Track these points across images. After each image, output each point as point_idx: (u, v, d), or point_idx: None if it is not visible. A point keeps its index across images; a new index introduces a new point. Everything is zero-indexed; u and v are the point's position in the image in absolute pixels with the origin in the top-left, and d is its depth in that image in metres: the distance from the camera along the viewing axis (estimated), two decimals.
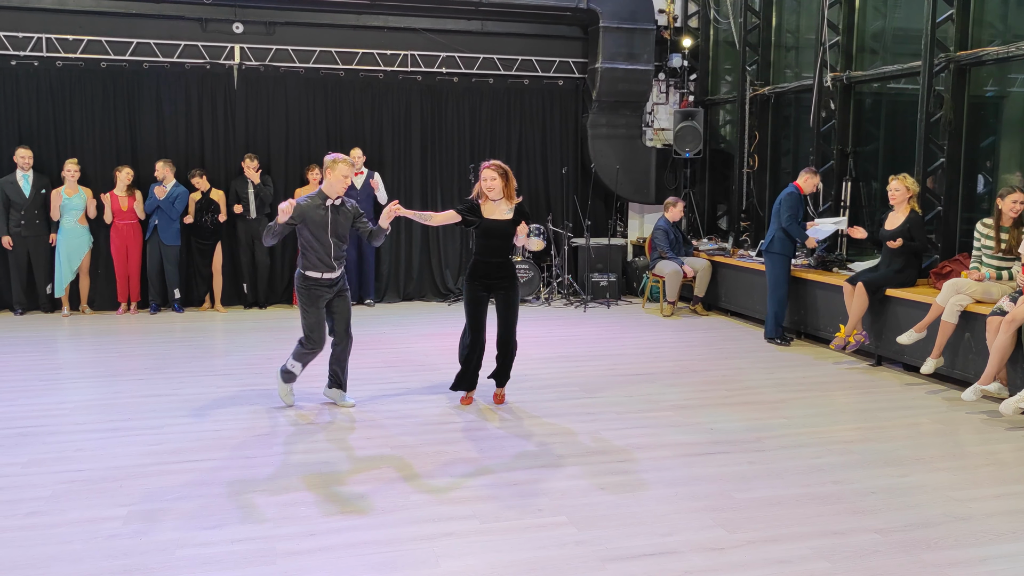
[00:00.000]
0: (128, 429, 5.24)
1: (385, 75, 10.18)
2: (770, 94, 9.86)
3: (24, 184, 8.88)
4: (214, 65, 9.69)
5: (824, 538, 3.80)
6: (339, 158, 5.47)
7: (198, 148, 9.74)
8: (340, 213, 5.49)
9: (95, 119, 9.43)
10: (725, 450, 4.97)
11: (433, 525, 3.89)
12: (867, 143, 8.69)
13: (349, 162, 5.48)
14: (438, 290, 10.54)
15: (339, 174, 5.40)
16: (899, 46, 8.20)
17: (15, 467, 4.56)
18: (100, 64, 9.38)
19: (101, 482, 4.36)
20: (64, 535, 3.74)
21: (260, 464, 4.65)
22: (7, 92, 9.19)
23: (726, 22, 10.49)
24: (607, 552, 3.64)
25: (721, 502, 4.18)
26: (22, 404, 5.76)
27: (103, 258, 9.31)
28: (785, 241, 7.93)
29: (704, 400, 6.06)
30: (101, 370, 6.77)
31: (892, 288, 6.97)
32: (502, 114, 10.65)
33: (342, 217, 5.50)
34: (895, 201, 7.02)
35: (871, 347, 7.18)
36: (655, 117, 11.18)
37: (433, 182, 10.47)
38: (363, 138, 10.11)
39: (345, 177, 5.42)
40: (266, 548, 3.64)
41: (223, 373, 6.68)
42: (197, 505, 4.08)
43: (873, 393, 6.34)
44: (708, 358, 7.43)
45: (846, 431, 5.37)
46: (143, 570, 3.44)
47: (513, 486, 4.36)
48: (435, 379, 6.53)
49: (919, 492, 4.35)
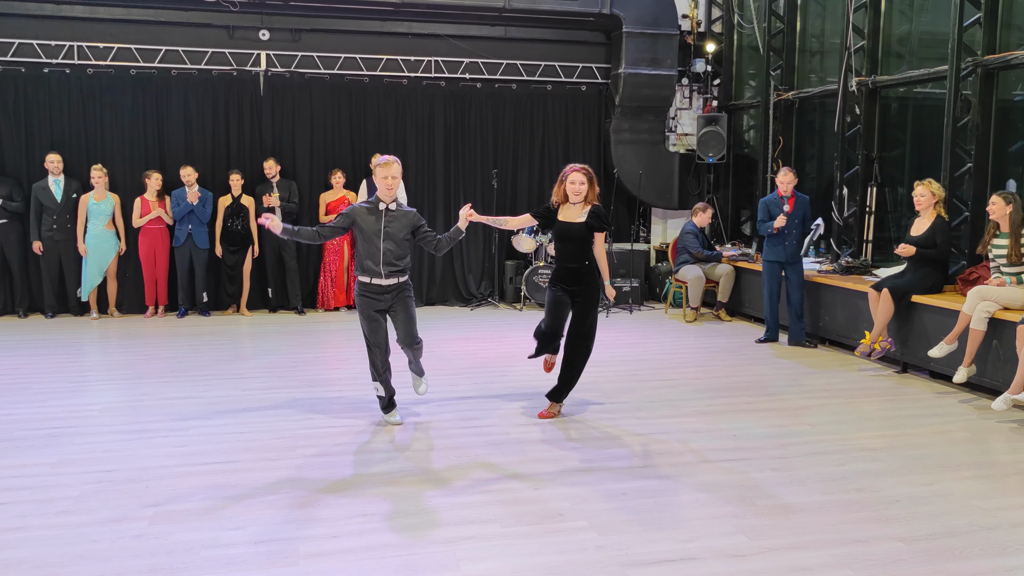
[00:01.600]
0: (154, 431, 5.32)
1: (409, 81, 10.25)
2: (794, 99, 9.81)
3: (56, 189, 9.04)
4: (241, 72, 9.82)
5: (847, 546, 3.77)
6: (381, 161, 5.25)
7: (224, 154, 9.86)
8: (394, 219, 5.24)
9: (124, 125, 9.58)
10: (748, 456, 4.94)
11: (454, 529, 3.91)
12: (893, 148, 8.61)
13: (390, 163, 5.22)
14: (460, 295, 10.57)
15: (378, 176, 5.21)
16: (925, 50, 8.12)
17: (45, 467, 4.64)
18: (129, 71, 9.53)
19: (128, 483, 4.42)
20: (92, 534, 3.80)
21: (283, 467, 4.70)
22: (39, 99, 9.36)
23: (750, 27, 10.45)
24: (628, 557, 3.63)
25: (743, 509, 4.16)
26: (52, 405, 5.86)
27: (132, 262, 9.45)
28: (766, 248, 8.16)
29: (727, 406, 6.03)
30: (128, 372, 6.86)
31: (918, 294, 6.90)
32: (525, 119, 10.68)
33: (396, 223, 5.24)
34: (921, 207, 6.95)
35: (897, 354, 7.11)
36: (678, 122, 11.16)
37: (456, 187, 10.52)
38: (387, 144, 10.18)
39: (384, 179, 5.17)
40: (288, 549, 3.68)
41: (248, 376, 6.75)
42: (221, 506, 4.13)
43: (899, 401, 6.28)
44: (731, 364, 7.39)
45: (871, 438, 5.32)
46: (168, 570, 3.49)
47: (534, 490, 4.37)
48: (457, 383, 6.56)
49: (945, 501, 4.30)
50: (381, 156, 5.35)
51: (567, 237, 5.48)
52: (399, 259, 5.26)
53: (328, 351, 7.97)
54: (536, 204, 10.74)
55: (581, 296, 5.47)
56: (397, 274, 5.26)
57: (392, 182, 5.19)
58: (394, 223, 5.25)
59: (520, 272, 10.44)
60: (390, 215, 5.25)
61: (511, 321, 9.46)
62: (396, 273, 5.26)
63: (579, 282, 5.47)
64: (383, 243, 5.21)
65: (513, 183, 10.71)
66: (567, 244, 5.49)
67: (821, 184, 9.76)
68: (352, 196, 9.77)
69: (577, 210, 5.46)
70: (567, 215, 5.49)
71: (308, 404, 5.95)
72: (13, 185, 9.11)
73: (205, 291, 9.47)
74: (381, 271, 5.22)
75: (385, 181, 5.18)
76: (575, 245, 5.47)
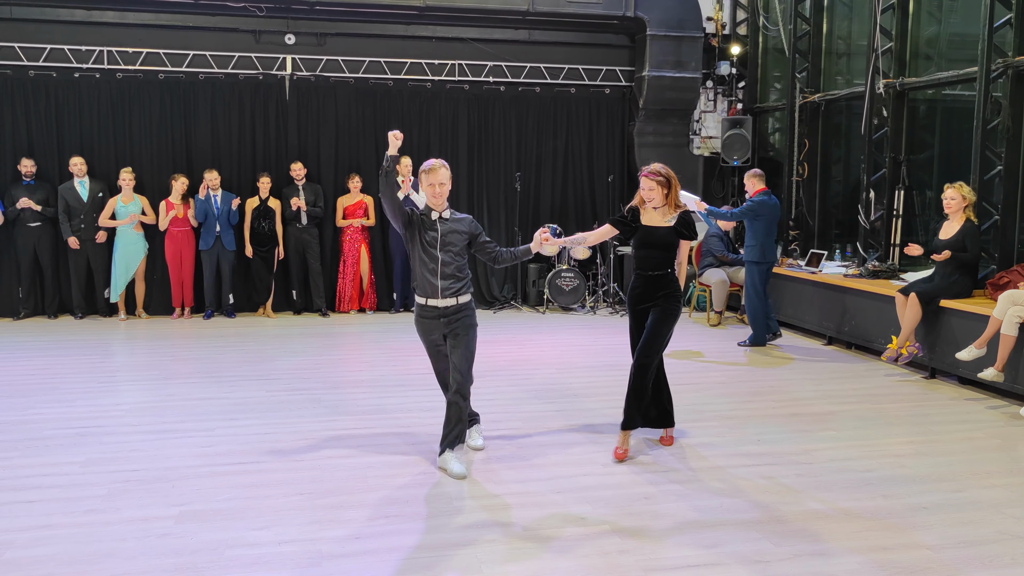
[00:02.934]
0: (180, 431, 5.37)
1: (433, 84, 10.30)
2: (820, 101, 9.72)
3: (81, 190, 9.20)
4: (267, 76, 9.91)
5: (873, 553, 3.72)
6: (427, 167, 4.64)
7: (250, 157, 9.96)
8: (451, 229, 4.68)
9: (152, 129, 9.71)
10: (772, 462, 4.90)
11: (477, 531, 3.91)
12: (921, 151, 8.51)
13: (435, 168, 4.61)
14: (483, 298, 10.58)
15: (424, 184, 4.65)
16: (954, 51, 8.02)
17: (74, 466, 4.70)
18: (158, 75, 9.66)
19: (154, 482, 4.47)
20: (119, 533, 3.85)
21: (307, 467, 4.73)
22: (70, 103, 9.52)
23: (775, 29, 10.38)
24: (650, 562, 3.62)
25: (767, 514, 4.13)
26: (80, 405, 5.94)
27: (158, 264, 9.57)
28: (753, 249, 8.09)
29: (751, 411, 5.98)
30: (155, 373, 6.95)
31: (946, 299, 6.81)
32: (548, 122, 10.68)
33: (453, 233, 4.68)
34: (950, 210, 6.86)
35: (924, 359, 7.02)
36: (703, 125, 11.10)
37: (479, 191, 10.55)
38: (411, 147, 10.22)
39: (431, 186, 4.60)
40: (312, 550, 3.70)
41: (273, 378, 6.81)
42: (245, 506, 4.17)
43: (927, 406, 6.20)
44: (755, 368, 7.34)
45: (898, 444, 5.25)
46: (193, 569, 3.52)
47: (556, 494, 4.37)
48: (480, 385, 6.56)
49: (974, 508, 4.24)
50: (427, 161, 4.71)
51: (651, 243, 5.00)
52: (460, 271, 4.68)
53: (352, 353, 8.02)
54: (559, 209, 10.79)
55: (659, 306, 4.98)
56: (456, 293, 4.66)
57: (441, 189, 4.61)
58: (451, 233, 4.68)
59: (543, 275, 10.44)
60: (445, 224, 4.69)
61: (534, 324, 9.46)
62: (455, 292, 4.65)
63: (660, 291, 5.00)
64: (441, 253, 4.63)
65: (536, 186, 10.72)
66: (651, 251, 5.00)
67: (847, 187, 9.66)
68: (370, 200, 9.83)
69: (662, 214, 5.00)
70: (652, 219, 5.02)
71: (332, 406, 5.99)
72: (49, 190, 9.28)
73: (231, 293, 9.57)
74: (438, 287, 4.63)
75: (432, 189, 4.60)
76: (660, 252, 5.00)
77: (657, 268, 5.01)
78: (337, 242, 9.97)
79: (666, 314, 4.98)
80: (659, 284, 5.01)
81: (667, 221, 5.02)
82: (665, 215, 5.02)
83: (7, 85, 9.35)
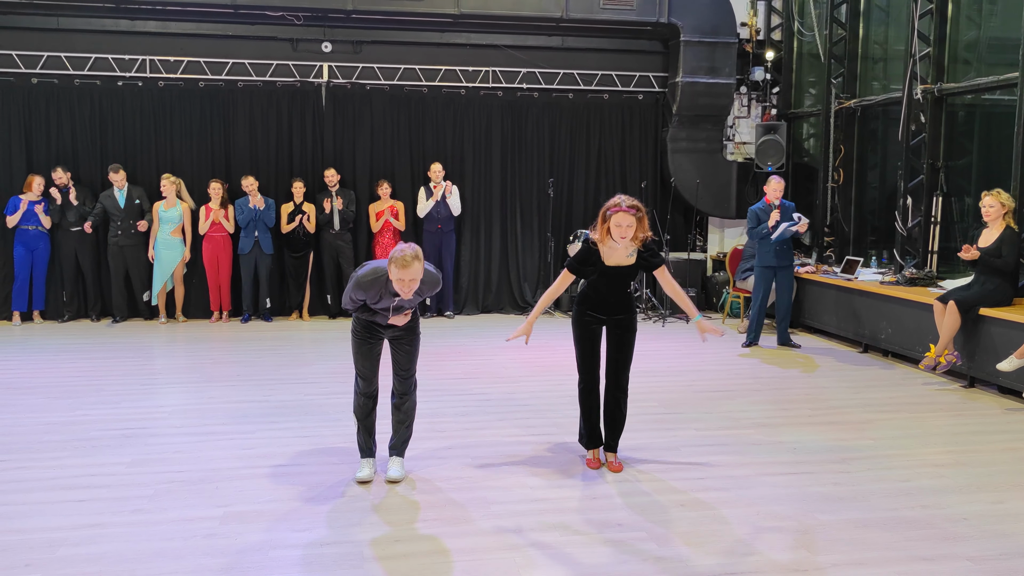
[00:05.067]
0: (221, 433, 5.49)
1: (467, 91, 10.38)
2: (856, 107, 9.65)
3: (120, 196, 9.40)
4: (304, 83, 10.06)
5: (912, 563, 3.71)
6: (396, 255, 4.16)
7: (287, 163, 10.11)
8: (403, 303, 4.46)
9: (192, 136, 9.91)
10: (809, 470, 4.89)
11: (515, 536, 3.95)
12: (959, 157, 8.41)
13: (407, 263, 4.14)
14: (516, 303, 10.64)
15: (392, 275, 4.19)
16: (994, 56, 7.93)
17: (121, 467, 4.83)
18: (198, 84, 9.85)
19: (199, 483, 4.58)
20: (166, 532, 3.95)
21: (347, 470, 4.80)
22: (114, 111, 9.74)
23: (811, 34, 10.32)
24: (686, 569, 3.63)
25: (804, 523, 4.13)
26: (125, 407, 6.08)
27: (197, 268, 9.75)
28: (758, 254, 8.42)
29: (786, 419, 5.96)
30: (195, 376, 7.09)
31: (986, 307, 6.73)
32: (582, 129, 10.71)
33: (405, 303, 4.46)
34: (989, 218, 6.78)
35: (963, 368, 6.94)
36: (736, 131, 11.06)
37: (512, 197, 10.60)
38: (445, 153, 10.32)
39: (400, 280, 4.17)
40: (353, 552, 3.77)
41: (310, 381, 6.91)
42: (288, 508, 4.25)
43: (966, 416, 6.13)
44: (790, 376, 7.31)
45: (937, 454, 5.21)
46: (239, 569, 3.61)
47: (592, 500, 4.40)
48: (513, 391, 6.61)
49: (1015, 520, 4.20)
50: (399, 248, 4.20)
51: (610, 275, 4.78)
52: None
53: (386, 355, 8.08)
54: (591, 215, 10.78)
55: (616, 323, 4.84)
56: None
57: (412, 285, 4.20)
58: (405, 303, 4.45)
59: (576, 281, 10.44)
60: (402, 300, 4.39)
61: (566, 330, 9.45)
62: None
63: (620, 310, 4.86)
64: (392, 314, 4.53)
65: (569, 193, 10.75)
66: (611, 279, 4.79)
67: (884, 193, 9.58)
68: (400, 205, 9.93)
69: (623, 251, 4.70)
70: (614, 259, 4.72)
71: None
72: (90, 196, 9.50)
73: (268, 296, 9.72)
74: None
75: (401, 284, 4.19)
76: (621, 281, 4.82)
77: (617, 294, 4.83)
78: (370, 248, 10.08)
79: (631, 333, 4.88)
80: (619, 304, 4.86)
81: (628, 258, 4.73)
82: (627, 251, 4.70)
83: (53, 94, 9.60)
